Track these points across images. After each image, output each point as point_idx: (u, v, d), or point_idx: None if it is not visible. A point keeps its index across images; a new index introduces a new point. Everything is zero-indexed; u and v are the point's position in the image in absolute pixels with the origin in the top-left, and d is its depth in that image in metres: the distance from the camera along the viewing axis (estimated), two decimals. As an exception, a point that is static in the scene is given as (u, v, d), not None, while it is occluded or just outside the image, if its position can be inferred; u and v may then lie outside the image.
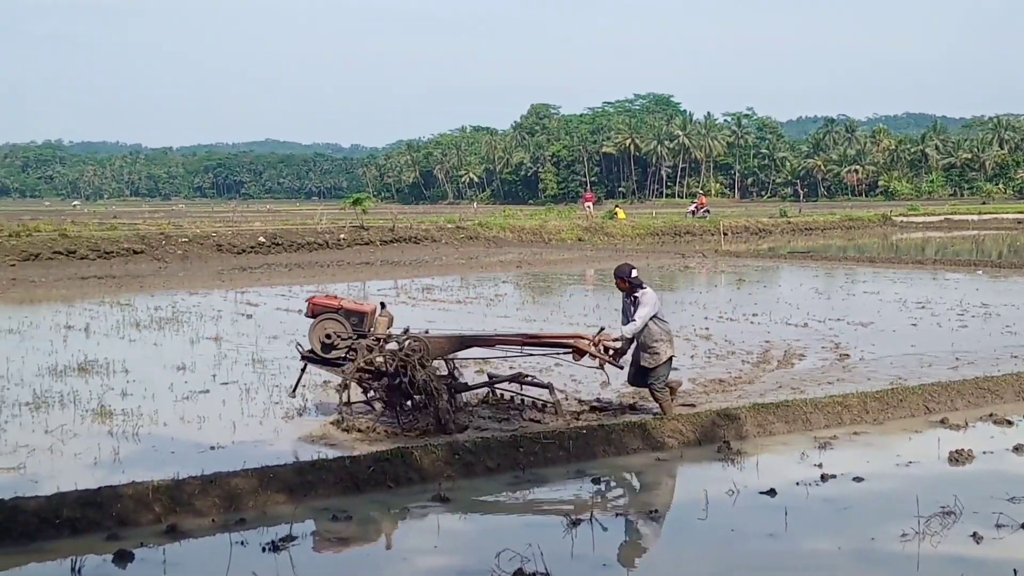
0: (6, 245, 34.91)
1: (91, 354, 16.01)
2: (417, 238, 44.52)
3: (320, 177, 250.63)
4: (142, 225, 46.70)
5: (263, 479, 8.48)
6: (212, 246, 38.57)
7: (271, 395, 12.89)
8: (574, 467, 9.50)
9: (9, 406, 12.41)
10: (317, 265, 36.77)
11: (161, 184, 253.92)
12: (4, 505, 7.61)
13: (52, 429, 11.13)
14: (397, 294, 26.28)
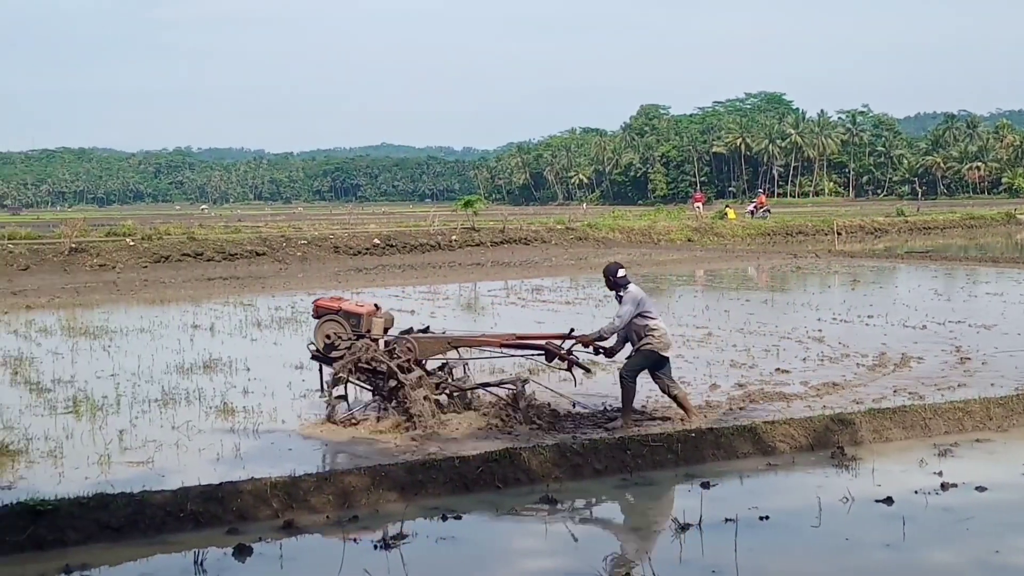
0: (139, 248, 36.19)
1: (215, 353, 16.51)
2: (527, 239, 44.68)
3: (433, 180, 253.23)
4: (264, 228, 47.82)
5: (375, 477, 8.64)
6: (329, 248, 39.34)
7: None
8: (682, 471, 9.44)
9: (140, 402, 12.88)
10: (429, 266, 37.19)
11: (282, 188, 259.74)
12: (132, 498, 7.92)
13: (178, 425, 11.52)
14: (507, 295, 26.44)
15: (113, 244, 36.69)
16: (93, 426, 11.53)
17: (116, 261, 34.91)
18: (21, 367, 15.58)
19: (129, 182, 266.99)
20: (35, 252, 34.87)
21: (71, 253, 34.84)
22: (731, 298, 24.86)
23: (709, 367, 14.71)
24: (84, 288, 30.08)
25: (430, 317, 21.57)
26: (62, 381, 14.38)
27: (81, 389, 13.65)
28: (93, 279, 32.49)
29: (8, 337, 19.29)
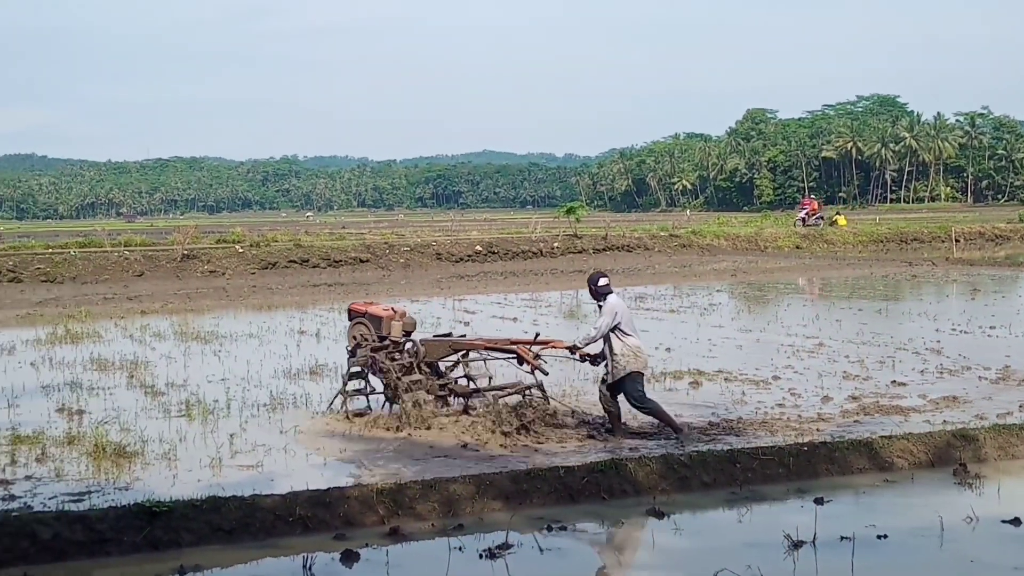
0: (248, 255, 36.94)
1: (321, 358, 16.70)
2: (630, 246, 44.42)
3: (534, 186, 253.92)
4: (368, 235, 48.44)
5: (480, 486, 8.61)
6: (432, 255, 39.64)
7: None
8: (794, 485, 9.22)
9: (249, 407, 13.08)
10: (531, 273, 37.20)
11: (385, 195, 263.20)
12: (243, 502, 8.03)
13: (286, 429, 11.66)
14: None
15: (223, 251, 37.50)
16: (205, 429, 11.74)
17: (226, 268, 35.66)
18: (137, 371, 15.97)
19: (238, 190, 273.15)
20: (149, 259, 35.81)
21: (183, 260, 35.70)
22: (842, 307, 24.31)
23: (821, 379, 14.37)
24: (195, 294, 30.79)
25: (532, 324, 21.54)
26: (175, 385, 14.70)
27: (193, 393, 13.91)
28: (204, 285, 33.24)
29: (125, 341, 19.80)
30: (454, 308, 25.41)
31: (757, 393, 13.46)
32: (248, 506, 7.96)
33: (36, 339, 20.00)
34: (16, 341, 19.76)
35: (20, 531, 7.42)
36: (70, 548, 7.43)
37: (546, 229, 49.26)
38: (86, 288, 32.29)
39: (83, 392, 14.25)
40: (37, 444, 10.95)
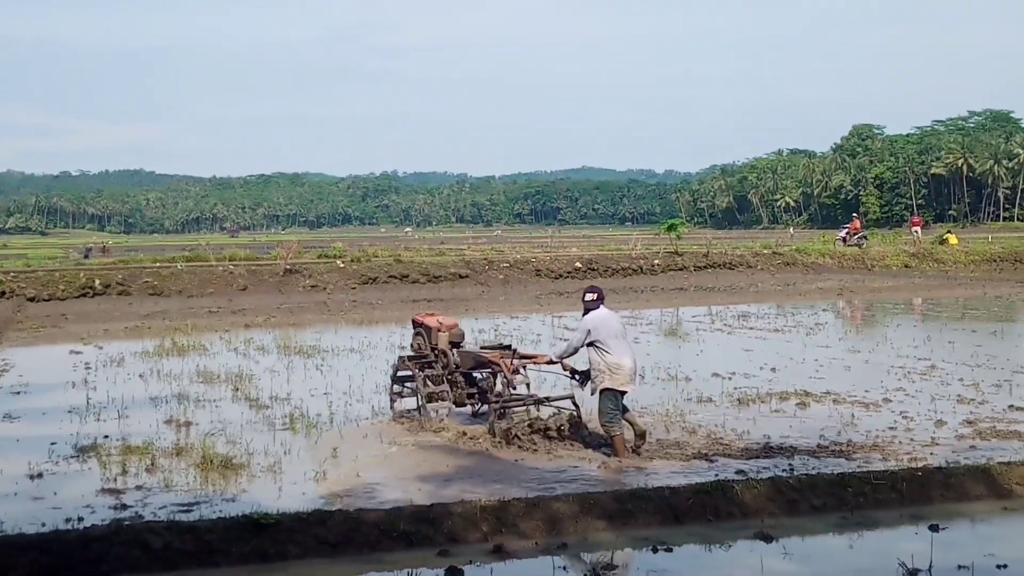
0: (348, 270, 37.39)
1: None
2: (732, 264, 43.83)
3: (634, 203, 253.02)
4: (467, 251, 48.65)
5: (584, 505, 8.52)
6: (531, 271, 39.62)
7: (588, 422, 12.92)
8: (908, 511, 8.94)
9: (351, 420, 13.20)
10: (631, 291, 36.94)
11: (484, 211, 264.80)
12: (348, 516, 8.07)
13: (388, 443, 11.70)
14: (712, 321, 25.93)
15: (324, 266, 38.01)
16: (308, 442, 11.86)
17: (327, 282, 36.11)
18: (241, 384, 16.23)
19: (338, 205, 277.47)
20: (253, 273, 36.46)
21: (286, 274, 36.25)
22: (955, 328, 23.65)
23: (934, 402, 13.94)
24: (297, 308, 31.25)
25: (633, 343, 21.36)
26: (279, 398, 14.90)
27: (296, 407, 14.08)
28: (306, 299, 33.71)
29: (229, 355, 20.16)
30: (553, 325, 25.34)
31: (867, 416, 13.13)
32: (353, 520, 8.00)
33: (144, 351, 20.48)
34: (125, 353, 20.25)
35: (132, 540, 7.56)
36: (180, 558, 7.53)
37: (646, 246, 48.96)
38: (192, 301, 32.99)
39: (190, 404, 14.53)
40: (147, 455, 11.18)
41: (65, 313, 30.10)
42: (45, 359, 20.53)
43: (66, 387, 16.23)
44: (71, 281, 33.43)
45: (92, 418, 13.56)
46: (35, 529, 8.31)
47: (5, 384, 16.82)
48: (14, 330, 25.64)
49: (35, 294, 32.36)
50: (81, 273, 34.67)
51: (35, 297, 32.21)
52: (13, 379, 17.35)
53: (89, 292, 33.04)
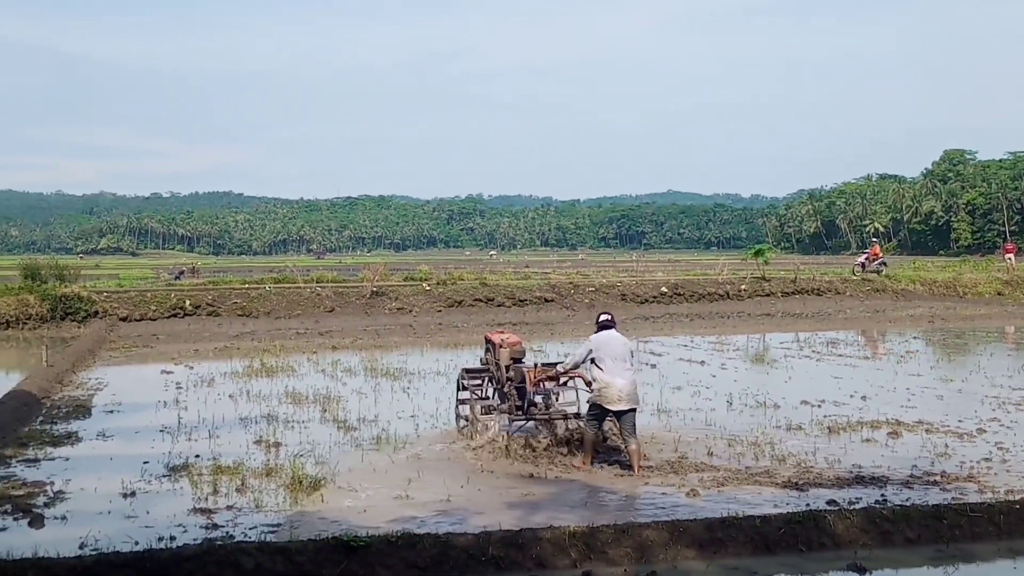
0: (434, 292, 37.63)
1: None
2: (819, 290, 43.15)
3: (719, 227, 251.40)
4: (552, 274, 48.61)
5: (674, 532, 8.43)
6: (617, 295, 39.44)
7: (676, 448, 12.83)
8: (1005, 545, 8.70)
9: (441, 443, 13.24)
10: (717, 316, 36.62)
11: (568, 235, 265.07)
12: (438, 540, 8.09)
13: (474, 467, 11.71)
14: (800, 348, 25.54)
15: (410, 289, 38.29)
16: (396, 464, 11.92)
17: (413, 305, 36.37)
18: (329, 405, 16.39)
19: (423, 228, 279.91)
20: (340, 295, 36.87)
21: (372, 297, 36.60)
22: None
23: (1031, 433, 13.56)
24: (384, 330, 31.52)
25: (720, 369, 21.21)
26: (366, 420, 15.02)
27: (384, 428, 14.18)
28: (391, 322, 34.00)
29: (317, 376, 20.39)
30: (639, 350, 25.19)
31: (961, 446, 12.81)
32: (442, 544, 8.01)
33: (233, 372, 20.82)
34: (215, 373, 20.61)
35: (224, 560, 7.66)
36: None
37: (733, 271, 48.48)
38: (279, 323, 33.49)
39: (279, 425, 14.73)
40: (237, 474, 11.33)
41: (156, 333, 30.78)
42: (137, 378, 20.96)
43: (158, 406, 16.56)
44: (162, 302, 34.17)
45: (183, 437, 13.80)
46: (129, 547, 8.47)
47: (99, 403, 17.22)
48: (107, 349, 26.26)
49: (127, 314, 33.13)
50: (172, 294, 35.41)
51: (127, 317, 32.98)
52: (107, 398, 17.76)
53: (179, 313, 33.73)
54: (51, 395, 17.77)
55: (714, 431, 13.88)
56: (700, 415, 15.29)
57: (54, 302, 32.23)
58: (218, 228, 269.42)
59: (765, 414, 15.40)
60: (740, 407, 16.09)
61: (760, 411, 15.72)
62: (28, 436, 13.92)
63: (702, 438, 13.34)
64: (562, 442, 12.56)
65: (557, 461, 12.10)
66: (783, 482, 10.93)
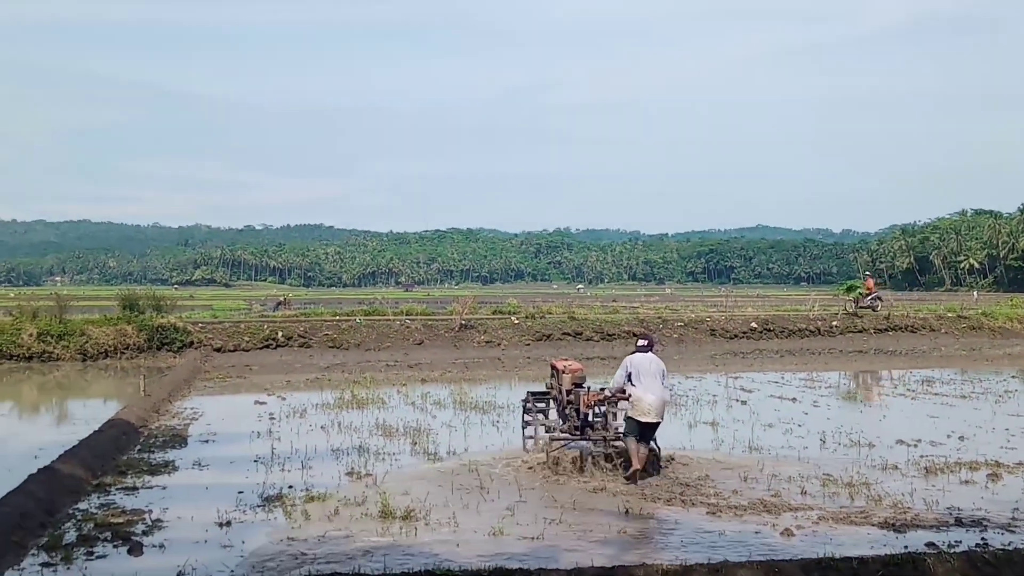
0: (523, 326, 37.73)
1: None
2: (913, 327, 42.33)
3: (809, 262, 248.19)
4: (640, 309, 48.42)
5: (769, 573, 8.27)
6: (705, 330, 39.15)
7: (769, 486, 12.64)
8: (1116, 592, 8.38)
9: (528, 478, 13.21)
10: (808, 352, 36.11)
11: (656, 269, 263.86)
12: (529, 574, 8.03)
13: (565, 503, 11.67)
14: (894, 386, 25.04)
15: (499, 322, 38.45)
16: (485, 498, 11.93)
17: (501, 338, 36.47)
18: (419, 438, 16.50)
19: (511, 261, 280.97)
20: (429, 328, 37.17)
21: (461, 330, 36.83)
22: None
23: None
24: (472, 363, 31.66)
25: (813, 406, 20.88)
26: (455, 452, 15.09)
27: (473, 461, 14.20)
28: (480, 355, 34.12)
29: (407, 408, 20.54)
30: (728, 385, 24.93)
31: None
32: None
33: (324, 403, 21.08)
34: (307, 404, 20.89)
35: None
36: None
37: (824, 307, 47.78)
38: (369, 355, 33.85)
39: (370, 456, 14.86)
40: (329, 505, 11.45)
41: (249, 364, 31.34)
42: (231, 408, 21.31)
43: (252, 436, 16.83)
44: (255, 333, 34.80)
45: (277, 468, 14.00)
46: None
47: (194, 432, 17.56)
48: (202, 379, 26.80)
49: (222, 345, 33.81)
50: (265, 325, 36.05)
51: (222, 348, 33.66)
52: (202, 428, 18.11)
53: (272, 344, 34.32)
54: (148, 424, 18.18)
55: (807, 469, 13.65)
56: (793, 453, 15.07)
57: (151, 332, 33.04)
58: (309, 260, 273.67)
59: (860, 453, 15.12)
60: (834, 445, 15.82)
61: (854, 450, 15.43)
62: (127, 464, 14.26)
63: (795, 476, 13.13)
64: (609, 458, 13.59)
65: (608, 474, 13.23)
66: (880, 523, 10.70)
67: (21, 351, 30.95)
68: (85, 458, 13.70)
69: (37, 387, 26.37)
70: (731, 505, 11.57)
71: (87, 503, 11.79)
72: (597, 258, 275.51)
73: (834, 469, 13.64)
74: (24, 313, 33.82)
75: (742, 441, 16.09)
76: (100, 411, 20.30)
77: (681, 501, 11.83)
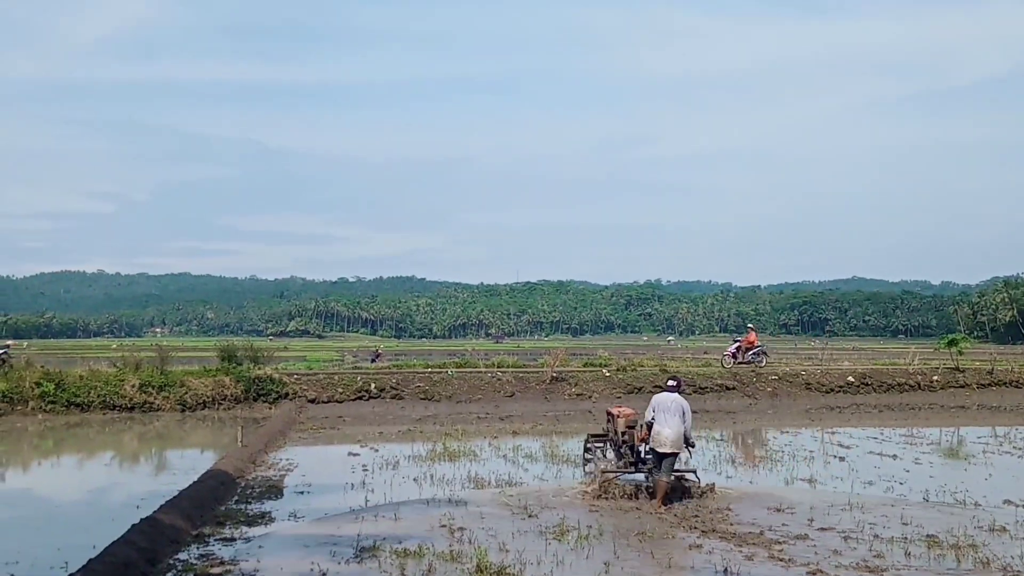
0: (614, 379, 37.46)
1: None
2: (1019, 382, 41.01)
3: (907, 315, 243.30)
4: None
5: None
6: (800, 384, 38.44)
7: (871, 547, 12.28)
8: None
9: (618, 535, 13.05)
10: (908, 407, 35.21)
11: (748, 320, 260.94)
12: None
13: (661, 559, 11.47)
14: (999, 443, 24.26)
15: (590, 374, 38.23)
16: (579, 554, 11.80)
17: (592, 391, 36.25)
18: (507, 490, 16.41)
19: (601, 313, 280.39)
20: (520, 380, 37.12)
21: (552, 382, 36.71)
22: None
23: None
24: (563, 416, 31.49)
25: (914, 463, 20.36)
26: (548, 508, 14.97)
27: (565, 516, 14.09)
28: (570, 407, 33.94)
29: (499, 461, 20.49)
30: (824, 440, 24.41)
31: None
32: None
33: (416, 455, 21.15)
34: (400, 456, 20.96)
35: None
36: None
37: (923, 361, 46.66)
38: (460, 407, 33.89)
39: (462, 509, 14.81)
40: (423, 559, 11.43)
41: (342, 415, 31.59)
42: (325, 460, 21.47)
43: (345, 488, 16.92)
44: (348, 384, 35.10)
45: (371, 519, 14.04)
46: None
47: (290, 483, 17.72)
48: (296, 431, 27.08)
49: (315, 396, 34.15)
50: (358, 377, 36.35)
51: (315, 399, 33.99)
52: (297, 479, 18.27)
53: (364, 395, 34.57)
54: (245, 475, 18.40)
55: (911, 530, 13.25)
56: (896, 511, 14.65)
57: (248, 384, 33.54)
58: (400, 312, 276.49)
59: (965, 513, 14.64)
60: (938, 505, 15.35)
61: (960, 509, 14.96)
62: (225, 515, 14.43)
63: (898, 538, 12.75)
64: (652, 491, 15.67)
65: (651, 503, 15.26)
66: None
67: (124, 402, 31.61)
68: (185, 508, 13.91)
69: (138, 437, 26.89)
70: (834, 565, 11.26)
71: (187, 553, 11.94)
72: (688, 310, 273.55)
73: (939, 529, 13.23)
74: (128, 364, 34.60)
75: (842, 499, 15.69)
76: (198, 461, 20.62)
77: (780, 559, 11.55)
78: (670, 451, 15.15)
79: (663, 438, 15.15)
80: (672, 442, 15.11)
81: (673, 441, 15.12)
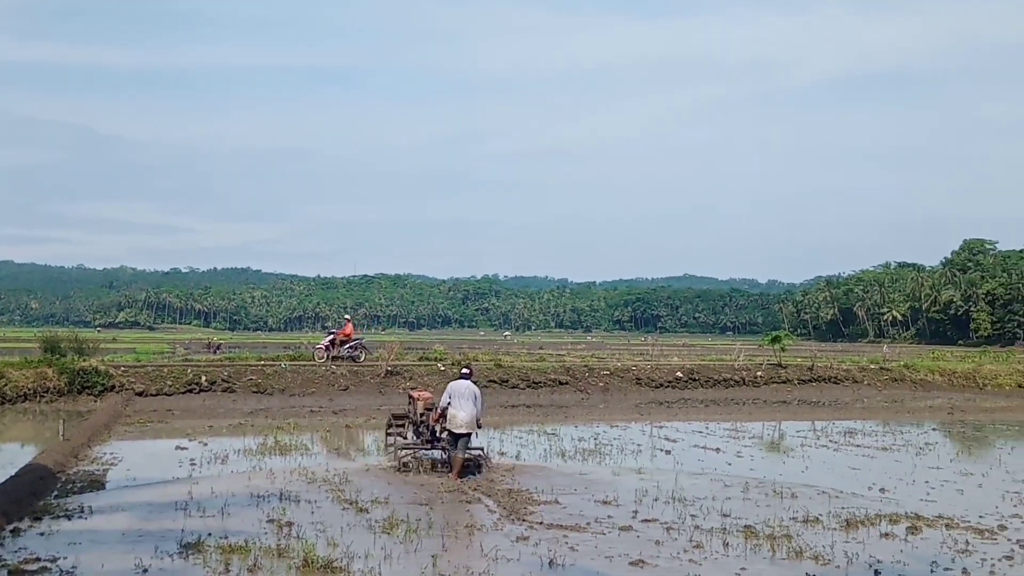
0: (449, 373, 37.49)
1: (519, 484, 16.70)
2: (837, 378, 42.92)
3: (735, 312, 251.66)
4: (567, 357, 48.50)
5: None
6: (631, 379, 39.29)
7: (691, 538, 12.66)
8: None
9: (452, 527, 13.10)
10: (732, 402, 36.42)
11: (583, 317, 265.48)
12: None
13: (488, 552, 11.56)
14: (817, 437, 25.36)
15: (425, 368, 38.22)
16: (408, 548, 11.79)
17: (427, 385, 36.22)
18: (343, 485, 16.30)
19: (438, 308, 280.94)
20: (355, 374, 36.81)
21: (387, 376, 36.54)
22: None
23: (1056, 533, 13.34)
24: (397, 409, 31.34)
25: (736, 456, 21.06)
26: (378, 501, 14.91)
27: (395, 511, 14.06)
28: (404, 401, 33.74)
29: (330, 455, 20.29)
30: (653, 435, 25.03)
31: (982, 543, 12.62)
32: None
33: (247, 449, 20.78)
34: (230, 450, 20.57)
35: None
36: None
37: (749, 357, 48.32)
38: (294, 400, 33.43)
39: (291, 504, 14.63)
40: (249, 554, 11.23)
41: (172, 408, 30.79)
42: (152, 454, 20.89)
43: (172, 483, 16.51)
44: (178, 377, 34.19)
45: (197, 514, 13.71)
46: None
47: (113, 478, 17.20)
48: (123, 424, 26.27)
49: (143, 389, 33.14)
50: (188, 369, 35.44)
51: (143, 392, 32.99)
52: (121, 473, 17.73)
53: (195, 388, 33.73)
54: (66, 469, 17.76)
55: (730, 521, 13.72)
56: (716, 504, 15.14)
57: (72, 376, 32.29)
58: (235, 304, 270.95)
59: (782, 504, 15.24)
60: (757, 496, 15.93)
61: (777, 500, 15.56)
62: (43, 510, 13.88)
63: (717, 528, 13.18)
64: (444, 463, 18.02)
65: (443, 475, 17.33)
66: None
67: (-66, 393, 30.07)
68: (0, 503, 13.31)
69: (-51, 430, 25.62)
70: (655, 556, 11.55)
71: (1, 549, 11.43)
72: (524, 305, 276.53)
73: (756, 520, 13.73)
74: (-62, 353, 32.94)
75: (665, 491, 16.13)
76: (17, 456, 19.82)
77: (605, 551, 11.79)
78: (464, 431, 17.27)
79: (459, 420, 17.19)
80: (466, 423, 17.26)
81: (467, 423, 17.26)
